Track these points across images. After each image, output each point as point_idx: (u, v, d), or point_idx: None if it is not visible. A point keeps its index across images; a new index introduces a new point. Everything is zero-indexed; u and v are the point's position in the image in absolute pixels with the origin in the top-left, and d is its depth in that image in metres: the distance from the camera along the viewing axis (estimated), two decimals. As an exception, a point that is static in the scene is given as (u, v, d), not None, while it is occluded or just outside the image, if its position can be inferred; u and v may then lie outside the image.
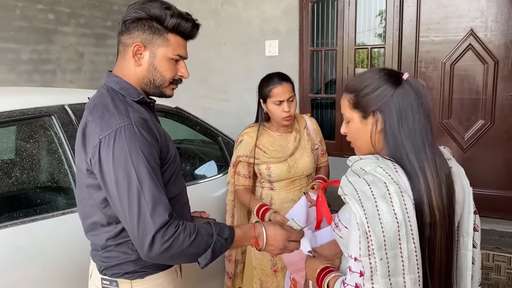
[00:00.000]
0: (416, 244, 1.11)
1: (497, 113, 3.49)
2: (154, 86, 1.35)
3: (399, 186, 1.13)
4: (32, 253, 1.66)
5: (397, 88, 1.20)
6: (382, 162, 1.18)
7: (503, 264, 3.10)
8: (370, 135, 1.23)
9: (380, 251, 1.09)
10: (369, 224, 1.09)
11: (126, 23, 1.30)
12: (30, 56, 4.00)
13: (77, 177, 1.35)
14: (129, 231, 1.19)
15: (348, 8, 3.99)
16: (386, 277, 1.10)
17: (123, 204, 1.17)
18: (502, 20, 3.38)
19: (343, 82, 4.11)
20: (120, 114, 1.21)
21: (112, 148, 1.17)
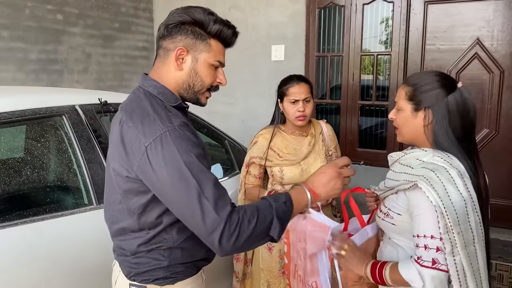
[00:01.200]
0: (480, 216, 1.32)
1: (502, 122, 3.50)
2: (193, 92, 1.34)
3: (458, 170, 1.33)
4: (42, 251, 1.67)
5: (451, 93, 1.38)
6: (436, 152, 1.38)
7: (505, 273, 3.11)
8: (417, 127, 1.42)
9: (456, 227, 1.27)
10: (444, 204, 1.26)
11: (169, 28, 1.29)
12: (38, 56, 4.02)
13: (110, 181, 1.32)
14: (196, 231, 1.16)
15: (355, 14, 4.01)
16: (464, 248, 1.27)
17: (183, 206, 1.15)
18: (509, 29, 3.40)
19: (348, 88, 4.13)
20: (162, 120, 1.20)
21: (162, 153, 1.15)
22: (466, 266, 1.27)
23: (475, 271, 1.29)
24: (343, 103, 4.18)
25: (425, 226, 1.30)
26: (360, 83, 4.08)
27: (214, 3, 4.63)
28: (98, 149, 1.97)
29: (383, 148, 4.06)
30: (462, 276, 1.27)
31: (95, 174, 1.93)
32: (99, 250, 1.83)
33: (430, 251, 1.29)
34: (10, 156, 1.99)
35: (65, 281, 1.73)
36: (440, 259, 1.28)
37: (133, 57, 4.97)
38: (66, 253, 1.74)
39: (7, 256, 1.59)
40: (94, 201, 1.90)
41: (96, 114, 2.05)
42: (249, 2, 4.48)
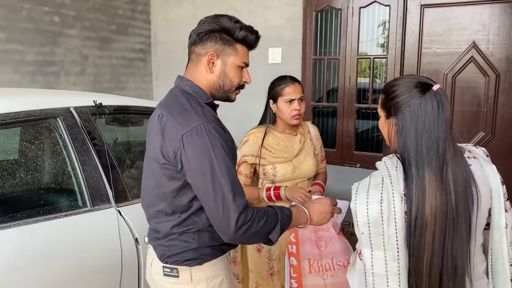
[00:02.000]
0: (398, 229, 1.27)
1: (497, 125, 3.51)
2: (223, 91, 1.50)
3: (391, 178, 1.30)
4: (36, 254, 1.66)
5: (419, 97, 1.30)
6: (390, 159, 1.36)
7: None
8: (389, 133, 1.39)
9: (363, 227, 1.31)
10: (357, 208, 1.32)
11: (200, 35, 1.45)
12: (35, 58, 4.02)
13: (148, 168, 1.49)
14: (213, 215, 1.33)
15: (352, 18, 4.02)
16: (369, 247, 1.32)
17: (208, 192, 1.32)
18: (504, 33, 3.41)
19: (345, 91, 4.13)
20: (197, 113, 1.37)
21: (196, 142, 1.32)
22: (366, 262, 1.33)
23: (376, 275, 1.31)
24: (340, 106, 4.18)
25: None
26: (356, 86, 4.09)
27: (211, 6, 4.64)
28: (93, 151, 1.97)
29: (380, 151, 4.07)
30: (368, 271, 1.34)
31: (89, 176, 1.92)
32: (93, 252, 1.83)
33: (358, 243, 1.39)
34: (4, 158, 1.98)
35: (59, 284, 1.72)
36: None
37: (130, 59, 4.96)
38: (60, 255, 1.73)
39: (0, 258, 1.58)
40: (89, 203, 1.89)
41: (90, 116, 2.05)
42: (246, 4, 4.49)
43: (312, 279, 2.13)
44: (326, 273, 2.13)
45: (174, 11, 4.94)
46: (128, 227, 1.95)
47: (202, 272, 1.46)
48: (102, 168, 1.97)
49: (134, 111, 2.33)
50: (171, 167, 1.37)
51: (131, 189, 2.09)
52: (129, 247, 1.94)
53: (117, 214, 1.95)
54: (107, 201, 1.95)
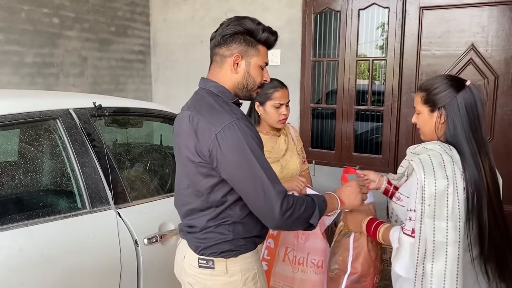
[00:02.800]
0: (460, 201, 1.48)
1: (496, 127, 3.52)
2: (246, 90, 1.56)
3: (451, 157, 1.52)
4: (34, 255, 1.66)
5: (460, 91, 1.56)
6: (440, 143, 1.59)
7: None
8: (434, 125, 1.61)
9: (430, 199, 1.48)
10: (426, 180, 1.48)
11: (225, 37, 1.50)
12: (34, 59, 4.02)
13: (181, 168, 1.56)
14: (257, 205, 1.41)
15: (351, 20, 4.03)
16: (432, 218, 1.47)
17: (248, 184, 1.40)
18: (503, 35, 3.42)
19: (344, 92, 4.14)
20: (227, 112, 1.44)
21: (230, 139, 1.38)
22: (428, 233, 1.48)
23: (438, 243, 1.47)
24: (339, 107, 4.19)
25: (412, 201, 1.55)
26: (355, 88, 4.10)
27: (210, 7, 4.65)
28: (92, 153, 1.96)
29: (378, 153, 4.07)
30: (423, 241, 1.49)
31: (88, 178, 1.92)
32: (92, 254, 1.82)
33: (412, 222, 1.53)
34: (3, 160, 1.97)
35: (58, 285, 1.72)
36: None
37: (129, 60, 4.97)
38: (59, 257, 1.72)
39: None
40: (88, 205, 1.88)
41: (90, 118, 2.04)
42: (245, 6, 4.50)
43: (282, 268, 2.18)
44: (297, 267, 2.18)
45: (174, 13, 4.95)
46: (128, 229, 1.95)
47: (237, 264, 1.52)
48: (102, 169, 1.96)
49: (133, 113, 2.33)
50: (207, 165, 1.43)
51: (130, 190, 2.09)
52: (129, 249, 1.94)
53: (116, 216, 1.94)
54: (106, 203, 1.94)
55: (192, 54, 4.82)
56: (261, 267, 1.63)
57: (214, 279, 1.52)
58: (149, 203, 2.14)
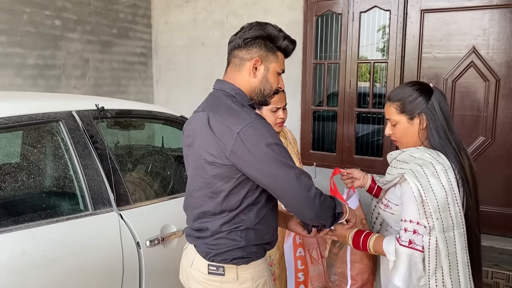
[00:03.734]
0: (460, 207, 1.52)
1: (497, 130, 3.52)
2: (262, 95, 1.56)
3: (443, 165, 1.53)
4: (37, 257, 1.66)
5: (431, 95, 1.60)
6: (426, 150, 1.59)
7: (501, 281, 3.11)
8: (417, 132, 1.62)
9: (436, 213, 1.48)
10: (426, 194, 1.48)
11: (246, 40, 1.50)
12: (36, 61, 4.03)
13: (194, 169, 1.53)
14: (293, 197, 1.41)
15: (352, 22, 4.03)
16: (442, 232, 1.48)
17: (279, 177, 1.39)
18: (504, 38, 3.43)
19: (345, 95, 4.14)
20: (246, 112, 1.44)
21: (254, 136, 1.38)
22: (442, 247, 1.48)
23: (451, 253, 1.50)
24: (340, 110, 4.19)
25: (407, 212, 1.54)
26: (357, 91, 4.10)
27: (211, 10, 4.66)
28: (95, 155, 1.97)
29: (380, 156, 4.07)
30: (434, 255, 1.49)
31: (91, 180, 1.92)
32: (95, 256, 1.83)
33: (408, 234, 1.52)
34: (6, 161, 1.98)
35: (60, 287, 1.73)
36: (416, 240, 1.50)
37: (131, 63, 4.98)
38: (61, 259, 1.73)
39: (1, 261, 1.58)
40: (90, 207, 1.89)
41: (93, 120, 2.05)
42: (247, 9, 4.51)
43: (313, 269, 2.22)
44: (323, 260, 2.23)
45: (175, 15, 4.96)
46: (130, 231, 1.95)
47: (248, 271, 1.50)
48: (104, 171, 1.97)
49: (135, 115, 2.34)
50: (227, 166, 1.41)
51: (132, 192, 2.10)
52: (131, 251, 1.94)
53: (118, 218, 1.94)
54: (109, 205, 1.94)
55: (194, 57, 4.83)
56: (270, 275, 1.61)
57: (224, 286, 1.50)
58: (151, 205, 2.14)
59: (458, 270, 1.50)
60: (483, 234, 3.47)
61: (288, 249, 2.18)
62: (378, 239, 1.64)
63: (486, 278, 3.14)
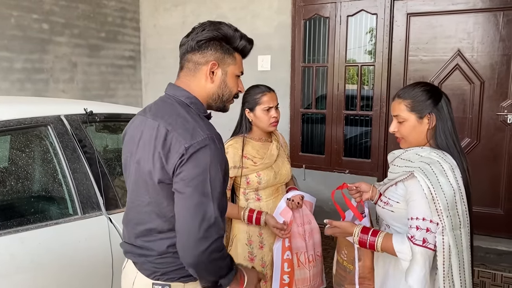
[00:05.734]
0: (466, 205, 1.55)
1: (482, 132, 3.58)
2: (221, 101, 1.44)
3: (450, 164, 1.55)
4: (25, 262, 1.66)
5: (441, 97, 1.64)
6: (433, 149, 1.62)
7: (488, 280, 3.16)
8: (425, 131, 1.65)
9: (446, 211, 1.49)
10: (436, 192, 1.50)
11: (200, 43, 1.37)
12: (24, 65, 4.01)
13: (138, 182, 1.38)
14: (185, 231, 1.25)
15: (340, 26, 4.08)
16: (452, 230, 1.49)
17: (190, 206, 1.24)
18: (488, 42, 3.49)
19: (333, 97, 4.18)
20: (201, 127, 1.29)
21: (199, 155, 1.24)
22: (452, 246, 1.49)
23: (459, 252, 1.51)
24: (328, 112, 4.23)
25: (418, 210, 1.53)
26: (345, 93, 4.15)
27: (200, 13, 4.68)
28: (84, 159, 1.97)
29: (368, 157, 4.11)
30: (448, 254, 1.49)
31: (80, 184, 1.92)
32: (84, 259, 1.83)
33: (421, 232, 1.50)
34: (-6, 166, 1.98)
35: (49, 291, 1.73)
36: (429, 238, 1.50)
37: (120, 66, 4.97)
38: (50, 263, 1.73)
39: (-10, 266, 1.58)
40: (79, 210, 1.89)
41: (81, 124, 2.05)
42: (235, 13, 4.53)
43: (299, 273, 2.25)
44: (309, 265, 2.27)
45: (164, 19, 4.97)
46: (119, 234, 1.96)
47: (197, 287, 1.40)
48: (93, 175, 1.98)
49: (124, 119, 2.33)
50: (169, 184, 1.29)
51: (121, 196, 2.10)
52: (120, 254, 1.92)
53: (107, 222, 1.95)
54: (98, 209, 1.95)
55: (182, 60, 4.82)
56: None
57: None
58: (140, 208, 2.14)
59: (464, 269, 1.52)
60: (469, 234, 3.50)
61: (277, 250, 2.21)
62: (386, 237, 1.59)
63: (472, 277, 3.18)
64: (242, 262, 2.29)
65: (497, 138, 3.54)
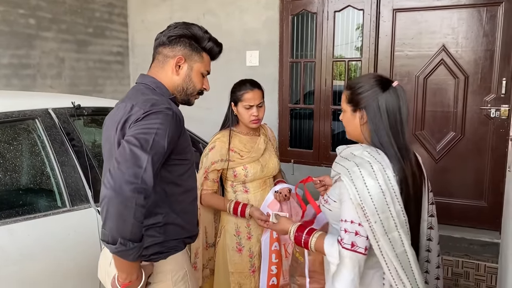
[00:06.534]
0: (401, 205, 1.44)
1: (467, 125, 3.64)
2: (185, 94, 1.59)
3: (381, 164, 1.44)
4: (14, 253, 1.67)
5: (383, 92, 1.50)
6: (367, 148, 1.51)
7: (471, 270, 3.22)
8: (356, 126, 1.56)
9: (374, 216, 1.39)
10: (361, 197, 1.40)
11: (170, 38, 1.53)
12: (10, 61, 3.98)
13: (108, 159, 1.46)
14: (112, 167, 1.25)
15: (327, 22, 4.11)
16: (384, 235, 1.40)
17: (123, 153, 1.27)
18: (472, 37, 3.55)
19: (321, 93, 4.22)
20: (163, 102, 1.42)
21: (151, 116, 1.34)
22: (388, 249, 1.41)
23: (399, 254, 1.42)
24: (316, 108, 4.27)
25: (346, 212, 1.45)
26: (332, 89, 4.18)
27: (188, 9, 4.68)
28: (72, 152, 1.98)
29: (355, 152, 4.15)
30: (388, 258, 1.42)
31: (68, 176, 1.94)
32: (73, 251, 1.85)
33: (350, 235, 1.43)
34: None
35: (38, 283, 1.74)
36: (358, 242, 1.42)
37: (107, 62, 4.95)
38: (39, 255, 1.75)
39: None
40: (68, 203, 1.91)
41: (69, 117, 2.06)
42: (223, 8, 4.54)
43: (287, 263, 2.30)
44: None
45: (152, 14, 4.96)
46: (108, 227, 1.97)
47: (166, 265, 1.49)
48: (81, 168, 1.99)
49: (112, 113, 2.35)
50: None
51: (110, 189, 2.11)
52: (109, 247, 1.96)
53: (96, 214, 1.96)
54: (86, 201, 1.97)
55: (171, 55, 4.82)
56: (190, 266, 1.61)
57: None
58: (129, 201, 2.16)
59: (411, 267, 1.45)
60: (454, 226, 3.63)
61: (265, 241, 2.24)
62: (320, 238, 1.56)
63: (457, 267, 3.25)
64: (231, 253, 2.33)
65: (481, 131, 3.60)
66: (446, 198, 3.71)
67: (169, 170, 1.45)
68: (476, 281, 3.21)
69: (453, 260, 3.26)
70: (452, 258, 3.27)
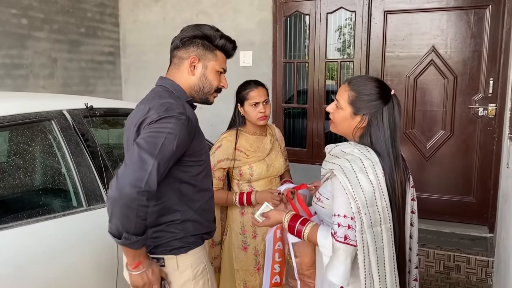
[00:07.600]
0: (387, 202, 1.51)
1: (456, 124, 3.78)
2: (203, 93, 1.63)
3: (371, 161, 1.52)
4: (38, 252, 1.70)
5: (386, 104, 1.58)
6: (357, 145, 1.58)
7: (462, 264, 3.35)
8: (351, 126, 1.61)
9: (364, 208, 1.46)
10: (354, 190, 1.47)
11: (183, 40, 1.59)
12: (2, 61, 3.94)
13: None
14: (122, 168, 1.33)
15: (319, 23, 4.20)
16: (370, 227, 1.47)
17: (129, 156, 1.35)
18: (460, 38, 3.69)
19: (314, 93, 4.31)
20: (178, 106, 1.45)
21: (163, 121, 1.39)
22: (370, 243, 1.47)
23: (378, 248, 1.49)
24: (310, 107, 4.35)
25: (339, 207, 1.50)
26: (325, 88, 4.28)
27: (182, 9, 4.70)
28: (86, 152, 2.01)
29: (348, 150, 4.25)
30: (367, 251, 1.48)
31: (84, 176, 1.96)
32: (90, 250, 1.88)
33: (343, 229, 1.48)
34: (2, 160, 1.99)
35: (59, 281, 1.76)
36: (350, 235, 1.48)
37: (99, 62, 4.94)
38: (60, 253, 1.77)
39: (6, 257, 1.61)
40: (84, 203, 1.94)
41: (83, 118, 2.09)
42: (217, 9, 4.59)
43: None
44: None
45: (144, 14, 4.96)
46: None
47: (187, 259, 1.55)
48: (96, 168, 2.02)
49: (122, 113, 2.38)
50: None
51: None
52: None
53: (111, 213, 1.99)
54: (102, 201, 1.99)
55: (163, 56, 4.78)
56: (208, 261, 1.67)
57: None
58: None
59: (384, 264, 1.50)
60: (444, 221, 3.74)
61: (268, 241, 2.29)
62: (314, 228, 1.59)
63: (448, 261, 3.38)
64: (237, 250, 2.39)
65: (469, 130, 3.75)
66: (436, 195, 3.85)
67: (183, 170, 1.52)
68: (467, 274, 3.34)
69: (445, 254, 3.39)
70: (444, 252, 3.40)
